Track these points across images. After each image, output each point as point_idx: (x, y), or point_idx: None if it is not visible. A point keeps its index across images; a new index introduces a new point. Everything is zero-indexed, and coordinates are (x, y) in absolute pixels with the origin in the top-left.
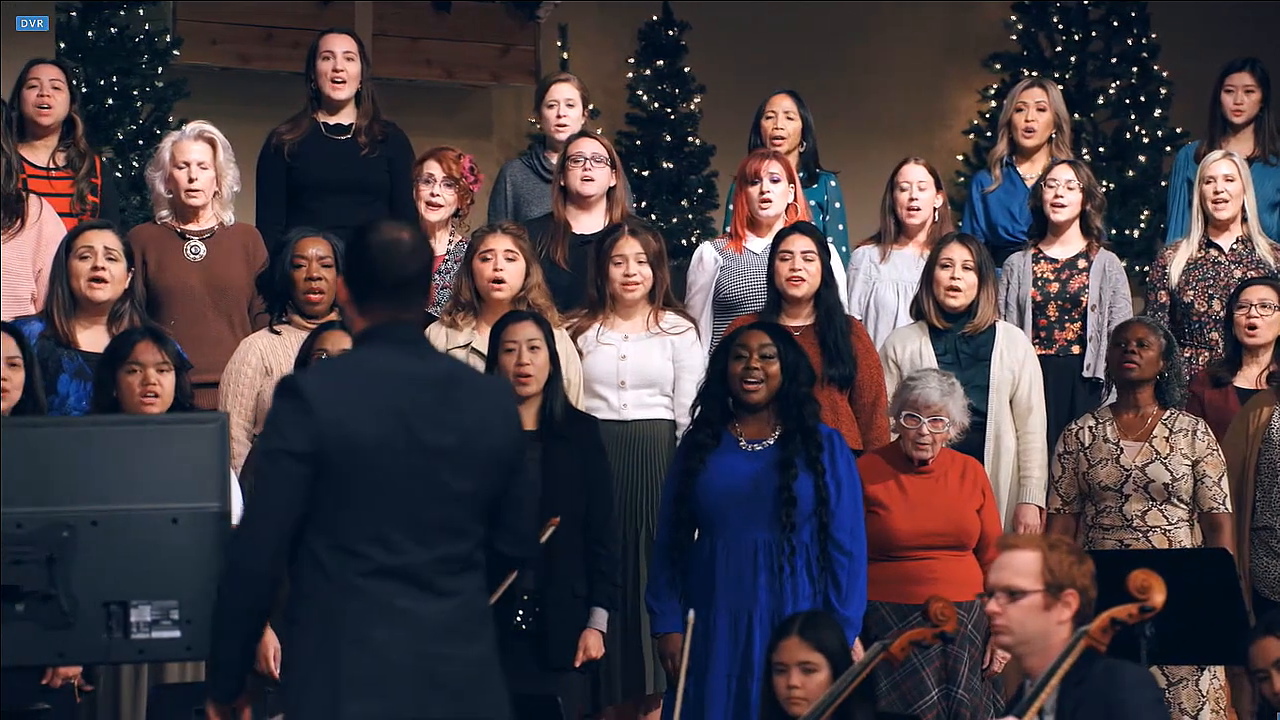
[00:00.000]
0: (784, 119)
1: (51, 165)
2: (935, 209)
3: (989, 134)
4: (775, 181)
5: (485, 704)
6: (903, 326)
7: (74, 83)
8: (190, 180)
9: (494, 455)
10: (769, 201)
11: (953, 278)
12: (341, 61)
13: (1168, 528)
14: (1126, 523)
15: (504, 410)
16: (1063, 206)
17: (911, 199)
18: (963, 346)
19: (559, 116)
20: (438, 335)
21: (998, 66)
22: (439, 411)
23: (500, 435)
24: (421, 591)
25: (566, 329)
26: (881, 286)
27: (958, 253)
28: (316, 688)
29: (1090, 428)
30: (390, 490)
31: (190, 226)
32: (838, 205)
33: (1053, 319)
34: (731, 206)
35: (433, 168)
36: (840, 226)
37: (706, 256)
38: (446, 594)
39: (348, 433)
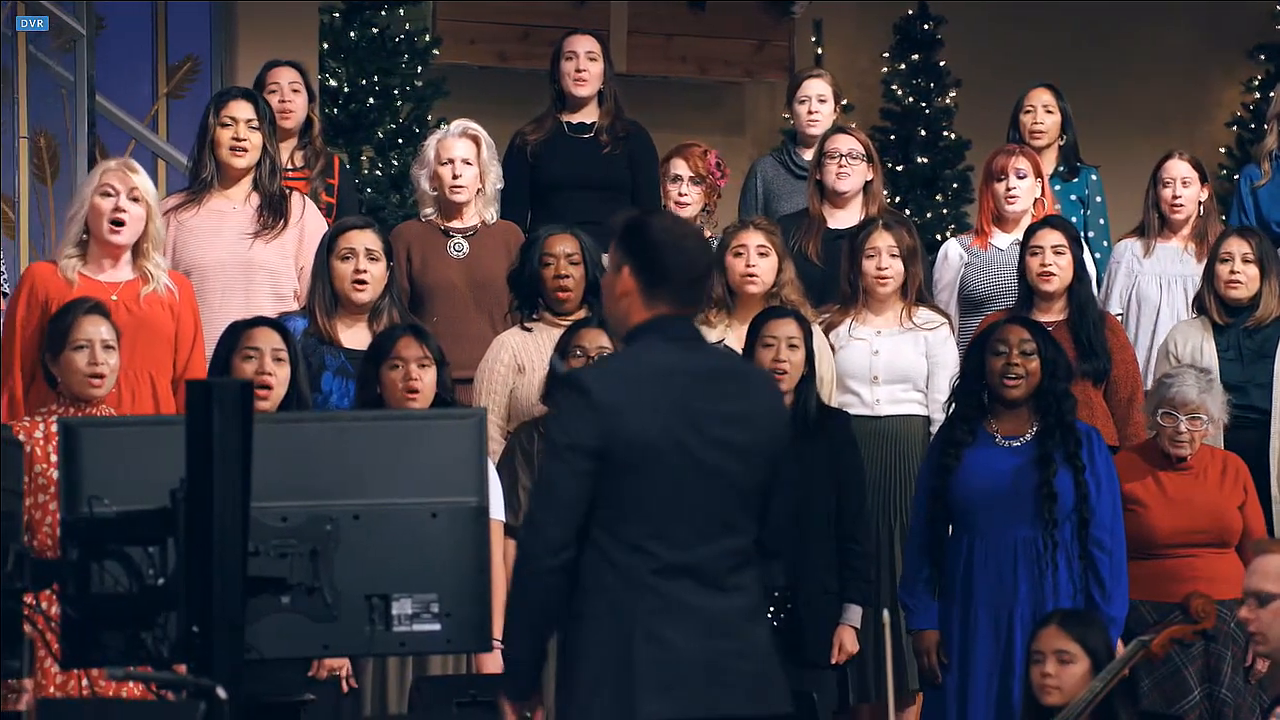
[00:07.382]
0: (1043, 113)
1: (290, 165)
2: (1200, 203)
3: (1253, 126)
4: (1022, 177)
5: (773, 698)
6: (1183, 322)
7: (309, 83)
8: (454, 177)
9: (767, 447)
10: (1015, 198)
11: (1232, 271)
12: (584, 62)
13: None
14: None
15: (774, 401)
16: None
17: (1175, 195)
18: (1246, 342)
19: (810, 112)
20: None
21: (1262, 58)
22: (718, 405)
23: (772, 427)
24: (708, 588)
25: (819, 324)
26: (1144, 280)
27: (1237, 246)
28: (611, 686)
29: None
30: (675, 486)
31: (454, 224)
32: (1099, 200)
33: None
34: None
35: (679, 166)
36: (1101, 221)
37: (951, 253)
38: (731, 589)
39: (631, 430)
